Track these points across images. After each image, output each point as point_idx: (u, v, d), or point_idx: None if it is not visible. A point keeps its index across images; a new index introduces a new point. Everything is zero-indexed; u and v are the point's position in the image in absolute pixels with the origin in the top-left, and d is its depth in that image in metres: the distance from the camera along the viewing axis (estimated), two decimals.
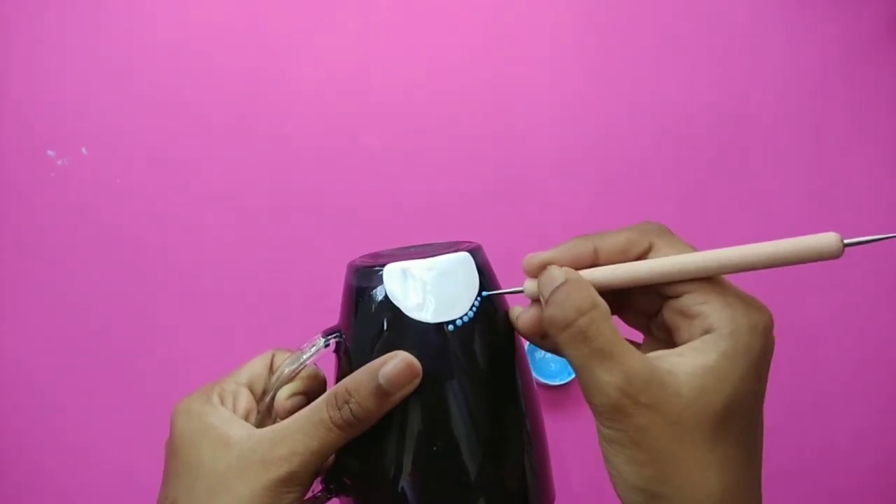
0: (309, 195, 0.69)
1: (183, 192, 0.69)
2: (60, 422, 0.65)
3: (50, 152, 0.69)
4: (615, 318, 0.34)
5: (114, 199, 0.68)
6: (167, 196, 0.69)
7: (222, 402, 0.36)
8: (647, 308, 0.33)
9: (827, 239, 0.27)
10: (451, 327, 0.34)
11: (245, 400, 0.37)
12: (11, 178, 0.69)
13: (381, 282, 0.35)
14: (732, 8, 0.74)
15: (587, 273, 0.32)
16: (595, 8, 0.73)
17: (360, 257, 0.38)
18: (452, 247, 0.37)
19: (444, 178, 0.70)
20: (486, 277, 0.37)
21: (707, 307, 0.29)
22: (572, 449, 0.64)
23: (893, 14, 0.73)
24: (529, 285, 0.33)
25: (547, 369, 0.65)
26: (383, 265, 0.35)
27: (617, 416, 0.28)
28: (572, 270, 0.31)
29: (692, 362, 0.28)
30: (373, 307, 0.35)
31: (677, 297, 0.30)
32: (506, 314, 0.37)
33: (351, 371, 0.34)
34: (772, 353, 0.30)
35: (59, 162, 0.69)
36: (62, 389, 0.66)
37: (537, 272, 0.33)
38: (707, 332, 0.29)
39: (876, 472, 0.66)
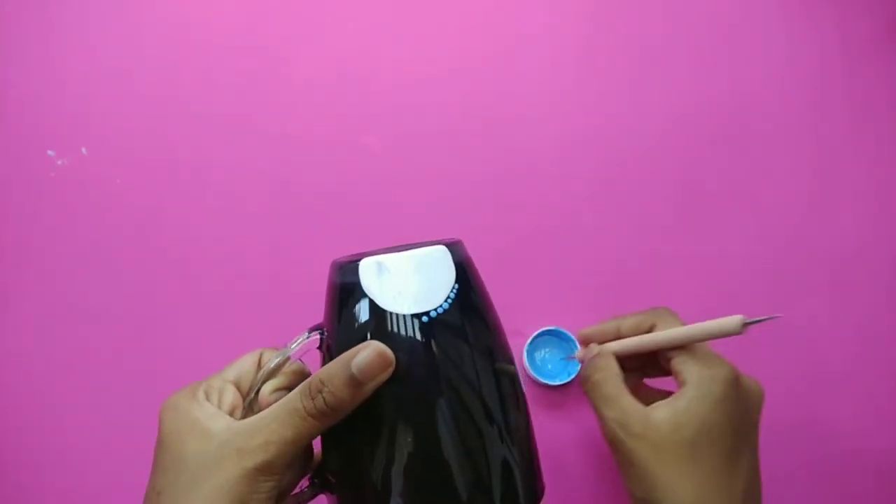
0: (309, 195, 0.69)
1: (183, 192, 0.69)
2: (60, 422, 0.65)
3: (50, 152, 0.69)
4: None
5: (114, 199, 0.69)
6: (167, 196, 0.69)
7: (207, 398, 0.37)
8: (650, 374, 0.50)
9: (731, 320, 0.39)
10: (425, 318, 0.34)
11: (231, 396, 0.38)
12: (11, 178, 0.69)
13: (356, 276, 0.35)
14: (732, 7, 0.74)
15: (616, 343, 0.47)
16: (594, 8, 0.73)
17: (347, 256, 0.39)
18: (433, 242, 0.38)
19: (445, 178, 0.70)
20: (465, 270, 0.37)
21: (683, 366, 0.42)
22: (572, 449, 0.64)
23: (893, 14, 0.73)
24: (579, 353, 0.50)
25: (546, 369, 0.65)
26: (359, 259, 0.36)
27: (616, 442, 0.41)
28: (603, 346, 0.47)
29: (671, 405, 0.40)
30: (350, 301, 0.35)
31: (669, 360, 0.44)
32: (485, 306, 0.39)
33: None
34: (737, 398, 0.41)
35: (59, 162, 0.69)
36: (62, 389, 0.66)
37: (584, 343, 0.50)
38: (683, 384, 0.42)
39: (876, 473, 0.66)
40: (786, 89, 0.73)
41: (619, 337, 0.47)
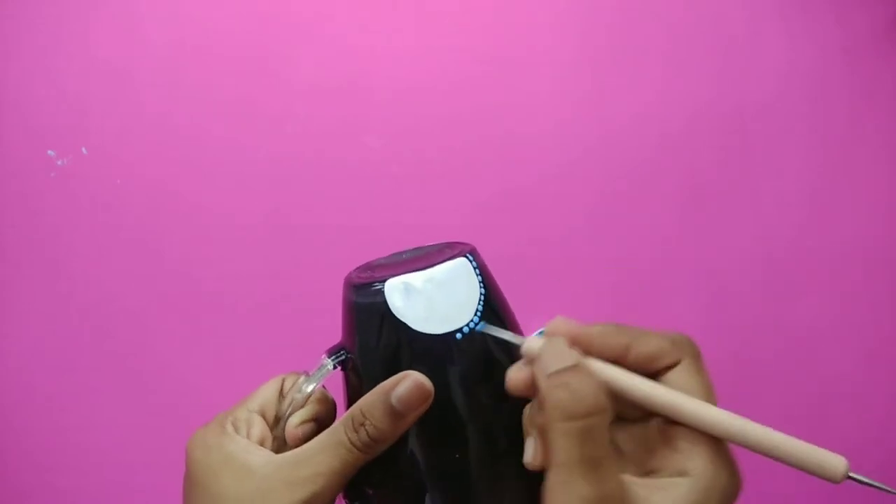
0: (308, 196, 0.69)
1: (183, 193, 0.69)
2: (60, 422, 0.65)
3: (50, 152, 0.69)
4: None
5: (114, 199, 0.69)
6: (167, 196, 0.69)
7: (236, 431, 0.36)
8: (627, 416, 0.33)
9: (834, 460, 0.30)
10: (458, 335, 0.34)
11: (259, 427, 0.37)
12: (11, 178, 0.69)
13: (383, 297, 0.34)
14: (732, 8, 0.73)
15: (613, 370, 0.31)
16: (595, 9, 0.73)
17: (355, 270, 0.37)
18: (445, 250, 0.37)
19: (445, 180, 0.70)
20: (486, 278, 0.36)
21: (694, 451, 0.30)
22: None
23: (893, 14, 0.73)
24: (533, 344, 0.31)
25: None
26: (383, 280, 0.34)
27: None
28: (583, 357, 0.30)
29: (668, 499, 0.29)
30: (378, 323, 0.35)
31: (671, 423, 0.31)
32: (506, 309, 0.37)
33: (361, 388, 0.34)
34: None
35: (59, 162, 0.69)
36: (62, 389, 0.66)
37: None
38: (682, 473, 0.29)
39: (876, 474, 0.66)
40: (786, 89, 0.73)
41: (622, 362, 0.31)
